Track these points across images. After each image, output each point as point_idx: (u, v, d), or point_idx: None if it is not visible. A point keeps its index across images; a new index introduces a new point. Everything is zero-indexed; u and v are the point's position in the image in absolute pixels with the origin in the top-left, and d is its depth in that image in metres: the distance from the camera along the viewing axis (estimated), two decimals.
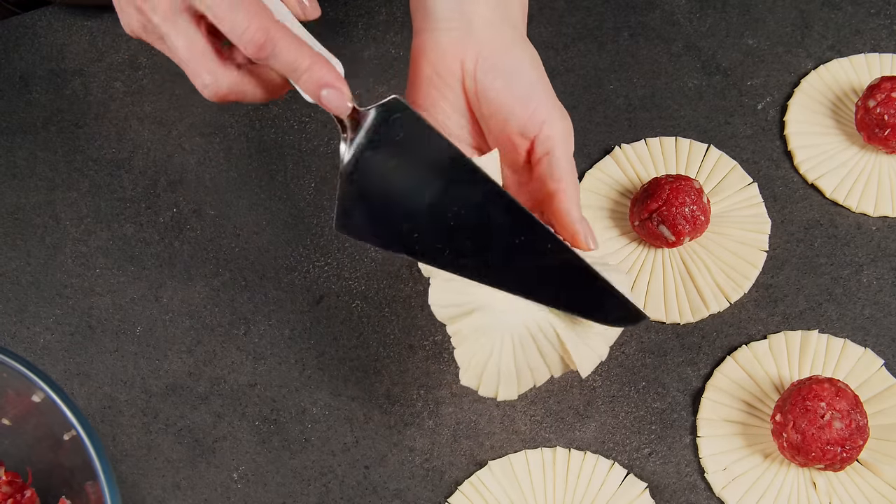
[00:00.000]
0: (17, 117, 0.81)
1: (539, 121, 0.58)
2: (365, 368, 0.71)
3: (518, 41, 0.59)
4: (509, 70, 0.58)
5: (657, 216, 0.70)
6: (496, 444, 0.68)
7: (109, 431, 0.69)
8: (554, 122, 0.58)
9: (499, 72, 0.58)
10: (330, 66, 0.53)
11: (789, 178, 0.76)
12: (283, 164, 0.78)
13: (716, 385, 0.69)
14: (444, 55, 0.58)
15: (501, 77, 0.58)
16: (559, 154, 0.58)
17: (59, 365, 0.71)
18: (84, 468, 0.58)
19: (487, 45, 0.58)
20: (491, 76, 0.58)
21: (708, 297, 0.71)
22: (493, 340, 0.55)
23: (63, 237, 0.76)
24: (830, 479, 0.65)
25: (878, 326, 0.70)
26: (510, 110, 0.58)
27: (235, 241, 0.75)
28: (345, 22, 0.84)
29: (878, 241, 0.73)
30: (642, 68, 0.81)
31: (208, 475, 0.68)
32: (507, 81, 0.58)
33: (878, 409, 0.67)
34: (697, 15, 0.83)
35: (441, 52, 0.58)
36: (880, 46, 0.81)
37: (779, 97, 0.79)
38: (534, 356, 0.55)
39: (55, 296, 0.74)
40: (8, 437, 0.65)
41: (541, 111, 0.58)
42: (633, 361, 0.70)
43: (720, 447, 0.67)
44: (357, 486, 0.67)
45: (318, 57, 0.52)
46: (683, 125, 0.78)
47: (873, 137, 0.74)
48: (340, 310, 0.73)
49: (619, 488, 0.66)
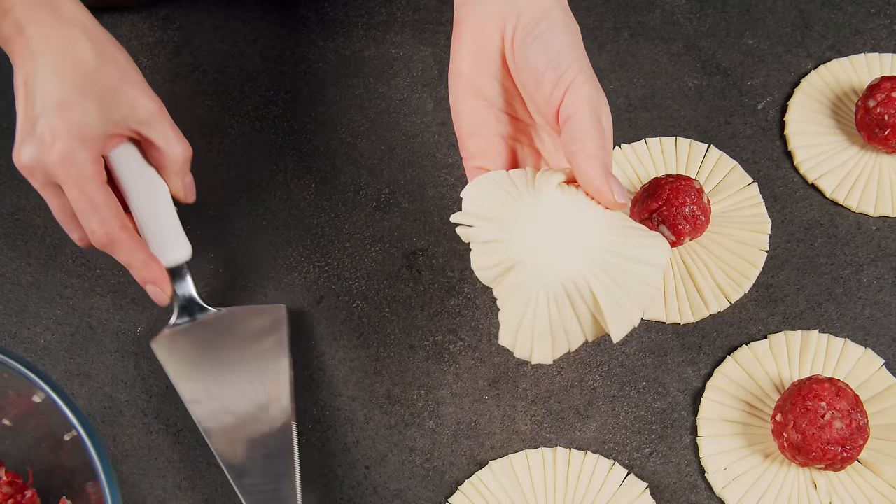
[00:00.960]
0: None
1: (565, 85, 0.56)
2: (365, 369, 0.71)
3: (556, 7, 0.58)
4: (545, 34, 0.57)
5: (657, 216, 0.70)
6: (497, 444, 0.68)
7: (110, 432, 0.69)
8: (579, 87, 0.56)
9: (535, 37, 0.57)
10: (157, 265, 0.67)
11: (789, 178, 0.76)
12: (283, 165, 0.78)
13: (716, 385, 0.69)
14: (484, 25, 0.58)
15: (537, 41, 0.57)
16: (580, 116, 0.55)
17: (59, 365, 0.71)
18: (85, 469, 0.58)
19: (526, 12, 0.57)
20: (528, 41, 0.57)
21: (708, 296, 0.71)
22: (529, 297, 0.54)
23: (64, 237, 0.76)
24: (831, 478, 0.65)
25: (879, 326, 0.70)
26: (542, 74, 0.57)
27: (235, 242, 0.75)
28: (345, 22, 0.84)
29: (879, 241, 0.73)
30: (642, 68, 0.81)
31: (209, 475, 0.68)
32: (541, 45, 0.57)
33: (878, 409, 0.67)
34: (697, 15, 0.83)
35: (481, 22, 0.58)
36: (880, 46, 0.81)
37: (779, 97, 0.79)
38: (568, 315, 0.54)
39: (56, 296, 0.74)
40: (8, 438, 0.65)
41: (568, 75, 0.56)
42: (634, 361, 0.70)
43: (721, 447, 0.67)
44: (357, 486, 0.67)
45: (149, 259, 0.66)
46: (683, 125, 0.78)
47: (873, 137, 0.74)
48: (341, 310, 0.73)
49: (620, 488, 0.66)
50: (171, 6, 0.85)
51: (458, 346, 0.71)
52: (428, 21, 0.85)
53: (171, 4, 0.85)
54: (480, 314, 0.72)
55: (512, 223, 0.54)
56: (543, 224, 0.54)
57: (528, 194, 0.55)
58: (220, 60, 0.83)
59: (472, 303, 0.72)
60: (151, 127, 0.65)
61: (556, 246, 0.54)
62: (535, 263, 0.54)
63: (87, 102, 0.62)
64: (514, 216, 0.55)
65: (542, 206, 0.55)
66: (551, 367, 0.70)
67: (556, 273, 0.53)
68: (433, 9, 0.85)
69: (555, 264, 0.54)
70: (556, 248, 0.54)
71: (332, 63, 0.83)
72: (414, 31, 0.84)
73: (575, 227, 0.54)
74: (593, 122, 0.55)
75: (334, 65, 0.83)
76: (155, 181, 0.68)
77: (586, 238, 0.54)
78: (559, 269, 0.54)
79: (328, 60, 0.83)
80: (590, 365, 0.70)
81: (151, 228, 0.68)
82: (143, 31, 0.84)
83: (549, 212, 0.55)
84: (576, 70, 0.56)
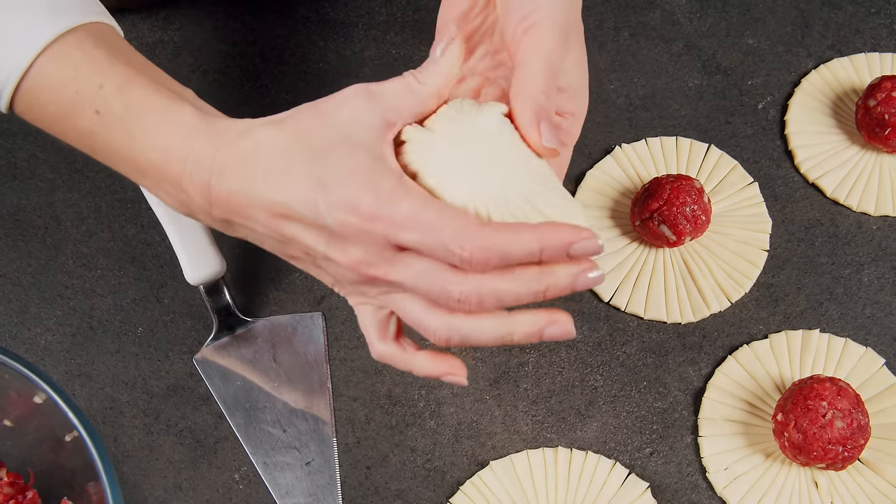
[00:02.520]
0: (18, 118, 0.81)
1: (526, 26, 0.51)
2: (366, 369, 0.71)
3: None
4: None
5: (658, 216, 0.70)
6: (498, 444, 0.68)
7: (111, 432, 0.69)
8: (540, 33, 0.51)
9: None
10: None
11: (790, 178, 0.76)
12: None
13: (717, 384, 0.69)
14: None
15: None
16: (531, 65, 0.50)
17: (60, 366, 0.71)
18: (86, 469, 0.58)
19: None
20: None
21: (709, 296, 0.71)
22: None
23: (64, 238, 0.76)
24: (832, 478, 0.65)
25: (880, 325, 0.70)
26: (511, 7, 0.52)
27: (236, 242, 0.75)
28: (345, 22, 0.84)
29: (879, 241, 0.73)
30: (643, 68, 0.81)
31: (210, 476, 0.68)
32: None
33: (879, 409, 0.67)
34: (698, 14, 0.83)
35: None
36: (880, 46, 0.81)
37: (779, 97, 0.79)
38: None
39: (56, 297, 0.74)
40: (9, 439, 0.65)
41: (535, 16, 0.51)
42: (635, 361, 0.70)
43: (722, 447, 0.67)
44: (359, 486, 0.67)
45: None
46: (684, 125, 0.78)
47: (874, 137, 0.74)
48: (341, 310, 0.73)
49: (621, 488, 0.66)
50: (171, 6, 0.85)
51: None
52: (428, 21, 0.85)
53: (171, 5, 0.85)
54: None
55: (437, 136, 0.50)
56: (463, 147, 0.50)
57: (468, 118, 0.51)
58: (220, 60, 0.83)
59: None
60: None
61: (466, 170, 0.50)
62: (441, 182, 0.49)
63: None
64: (442, 131, 0.51)
65: (472, 130, 0.51)
66: (552, 367, 0.70)
67: (455, 196, 0.49)
68: (433, 9, 0.85)
69: (459, 188, 0.49)
70: (466, 173, 0.49)
71: (332, 63, 0.83)
72: (414, 31, 0.84)
73: (495, 161, 0.50)
74: (542, 70, 0.51)
75: (334, 65, 0.82)
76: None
77: (502, 174, 0.49)
78: (461, 192, 0.49)
79: (328, 60, 0.83)
80: (591, 365, 0.70)
81: (186, 246, 0.68)
82: (143, 31, 0.84)
83: (473, 137, 0.50)
84: (544, 13, 0.51)
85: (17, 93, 0.51)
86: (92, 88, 0.50)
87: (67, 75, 0.50)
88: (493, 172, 0.49)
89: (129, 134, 0.50)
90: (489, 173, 0.49)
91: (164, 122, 0.49)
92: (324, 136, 0.48)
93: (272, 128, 0.49)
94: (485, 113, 0.51)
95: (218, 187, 0.48)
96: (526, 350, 0.71)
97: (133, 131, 0.49)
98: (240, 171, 0.48)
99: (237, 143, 0.49)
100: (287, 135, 0.49)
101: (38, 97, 0.51)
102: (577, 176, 0.76)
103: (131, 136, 0.50)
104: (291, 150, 0.48)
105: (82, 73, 0.50)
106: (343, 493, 0.67)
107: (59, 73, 0.50)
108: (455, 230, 0.46)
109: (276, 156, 0.48)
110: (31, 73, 0.50)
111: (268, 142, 0.49)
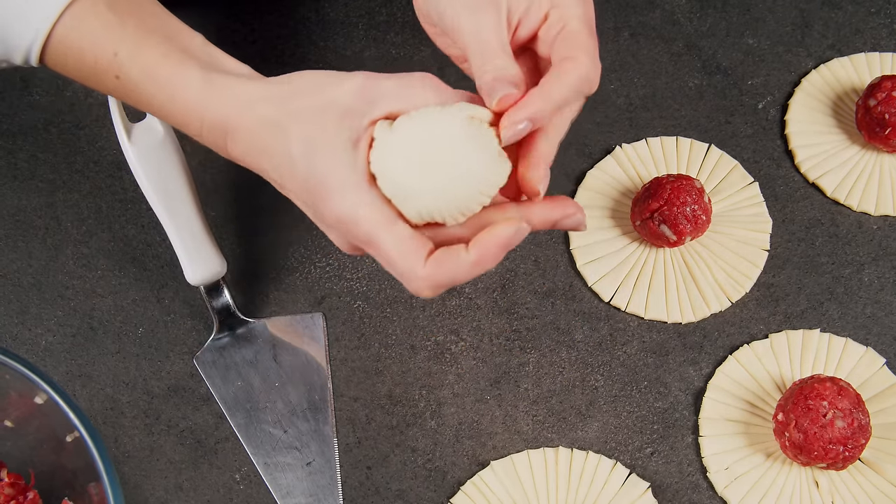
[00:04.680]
0: (18, 119, 0.81)
1: (521, 14, 0.54)
2: (366, 369, 0.71)
3: None
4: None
5: (658, 216, 0.70)
6: (498, 445, 0.68)
7: (112, 433, 0.69)
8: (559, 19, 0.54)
9: None
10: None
11: (790, 178, 0.76)
12: None
13: (717, 384, 0.69)
14: None
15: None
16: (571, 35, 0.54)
17: (61, 366, 0.71)
18: (87, 470, 0.58)
19: None
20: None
21: (709, 296, 0.71)
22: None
23: (64, 239, 0.76)
24: (833, 478, 0.65)
25: (880, 325, 0.71)
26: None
27: (237, 243, 0.75)
28: (345, 22, 0.84)
29: (880, 240, 0.73)
30: (643, 68, 0.81)
31: (211, 476, 0.68)
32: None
33: (880, 408, 0.67)
34: (698, 14, 0.83)
35: None
36: (881, 45, 0.81)
37: (779, 96, 0.79)
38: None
39: (57, 297, 0.74)
40: (10, 439, 0.65)
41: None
42: (635, 361, 0.70)
43: (722, 446, 0.67)
44: (359, 486, 0.67)
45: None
46: (684, 125, 0.78)
47: (874, 136, 0.74)
48: (342, 310, 0.73)
49: (622, 488, 0.66)
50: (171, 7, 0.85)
51: (460, 347, 0.71)
52: None
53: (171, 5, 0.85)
54: (482, 314, 0.72)
55: (399, 136, 0.51)
56: (422, 148, 0.50)
57: (432, 119, 0.51)
58: None
59: (474, 303, 0.72)
60: None
61: (420, 176, 0.50)
62: (394, 189, 0.51)
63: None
64: (405, 131, 0.51)
65: (435, 131, 0.51)
66: (553, 367, 0.70)
67: (408, 208, 0.50)
68: None
69: (411, 200, 0.50)
70: (420, 179, 0.50)
71: (332, 63, 0.82)
72: (414, 31, 0.84)
73: (453, 163, 0.50)
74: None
75: (334, 65, 0.82)
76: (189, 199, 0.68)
77: (459, 177, 0.50)
78: (413, 202, 0.50)
79: (328, 60, 0.83)
80: (591, 365, 0.70)
81: (186, 247, 0.69)
82: None
83: (435, 138, 0.51)
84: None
85: (44, 54, 0.54)
86: (108, 56, 0.53)
87: (85, 44, 0.53)
88: (449, 175, 0.50)
89: (150, 95, 0.53)
90: (445, 177, 0.50)
91: (175, 89, 0.53)
92: (314, 123, 0.52)
93: (271, 107, 0.52)
94: (455, 111, 0.51)
95: (232, 149, 0.53)
96: (526, 350, 0.71)
97: (153, 93, 0.53)
98: (247, 142, 0.52)
99: (242, 116, 0.52)
100: (282, 116, 0.52)
101: (64, 61, 0.54)
102: (578, 176, 0.77)
103: (151, 97, 0.53)
104: (283, 132, 0.52)
105: (98, 40, 0.53)
106: (344, 493, 0.67)
107: (78, 41, 0.53)
108: (403, 269, 0.50)
109: (272, 138, 0.52)
110: (52, 40, 0.53)
111: (266, 120, 0.52)
